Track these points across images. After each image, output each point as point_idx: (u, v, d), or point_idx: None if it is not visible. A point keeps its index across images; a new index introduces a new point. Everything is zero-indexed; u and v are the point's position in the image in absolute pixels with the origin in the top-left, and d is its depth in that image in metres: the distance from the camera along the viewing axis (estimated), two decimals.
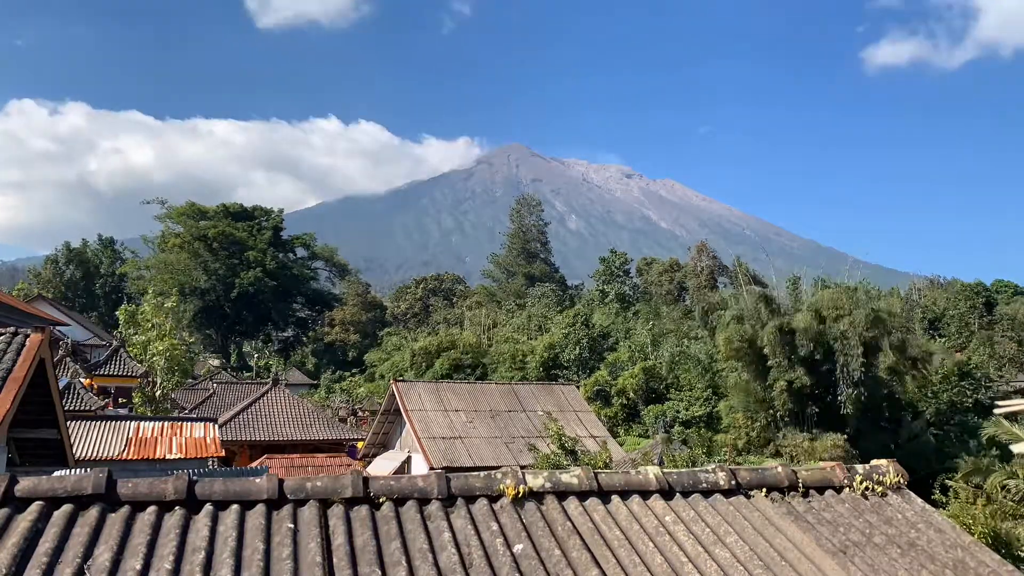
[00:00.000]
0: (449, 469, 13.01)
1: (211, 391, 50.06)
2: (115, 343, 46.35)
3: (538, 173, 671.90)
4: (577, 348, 57.32)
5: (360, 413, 57.74)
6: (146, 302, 43.31)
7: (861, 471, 5.69)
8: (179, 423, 23.85)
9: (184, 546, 3.97)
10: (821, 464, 6.08)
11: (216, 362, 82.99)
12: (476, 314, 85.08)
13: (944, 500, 19.64)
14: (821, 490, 5.51)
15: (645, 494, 5.11)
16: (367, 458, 34.61)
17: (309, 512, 4.35)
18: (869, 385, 34.72)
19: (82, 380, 36.85)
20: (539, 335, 65.97)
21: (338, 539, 4.16)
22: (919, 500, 5.57)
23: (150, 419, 25.42)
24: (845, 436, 32.55)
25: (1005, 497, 17.92)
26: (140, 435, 22.06)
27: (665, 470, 5.35)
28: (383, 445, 34.98)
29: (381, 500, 4.57)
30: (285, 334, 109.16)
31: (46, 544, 3.80)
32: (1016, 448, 17.84)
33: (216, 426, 24.27)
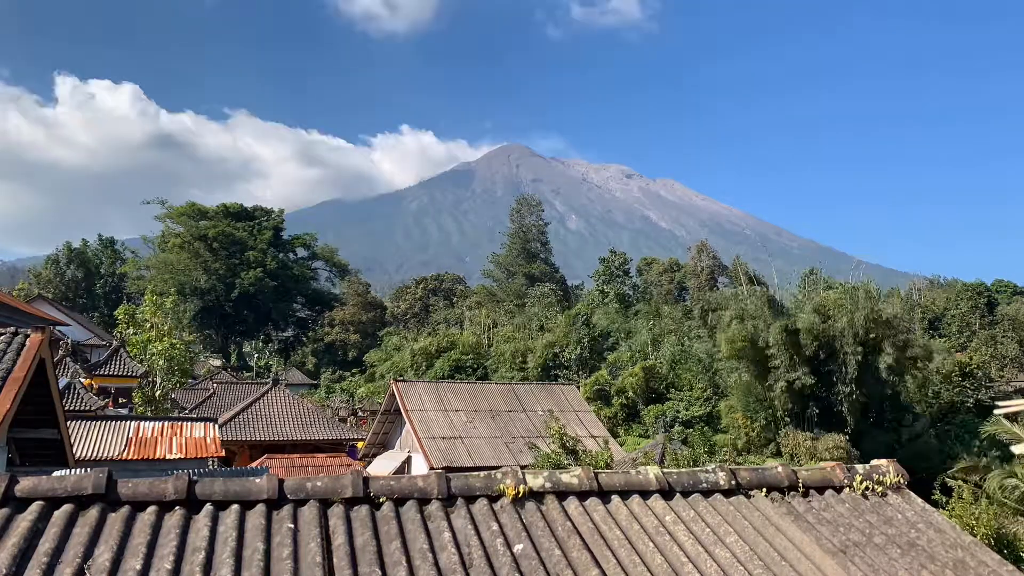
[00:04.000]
0: (449, 469, 13.00)
1: (211, 391, 50.00)
2: (115, 343, 46.36)
3: (538, 173, 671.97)
4: (577, 348, 57.30)
5: (360, 413, 57.70)
6: (145, 302, 43.27)
7: (861, 471, 5.69)
8: (179, 423, 23.81)
9: (184, 546, 3.96)
10: (821, 464, 6.07)
11: (216, 362, 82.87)
12: (476, 314, 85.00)
13: (944, 500, 19.62)
14: (821, 490, 5.51)
15: (645, 494, 5.11)
16: (367, 458, 34.59)
17: (309, 512, 4.35)
18: (869, 385, 34.74)
19: (82, 380, 36.86)
20: (539, 335, 65.93)
21: (338, 539, 4.16)
22: (919, 500, 5.57)
23: (150, 419, 25.40)
24: (846, 436, 32.56)
25: (1005, 497, 17.91)
26: (140, 435, 22.04)
27: (665, 470, 5.35)
28: (383, 445, 34.97)
29: (381, 500, 4.57)
30: (285, 334, 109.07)
31: (46, 544, 3.80)
32: (1016, 448, 17.81)
33: (216, 426, 24.23)
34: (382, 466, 32.04)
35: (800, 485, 5.46)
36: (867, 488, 5.55)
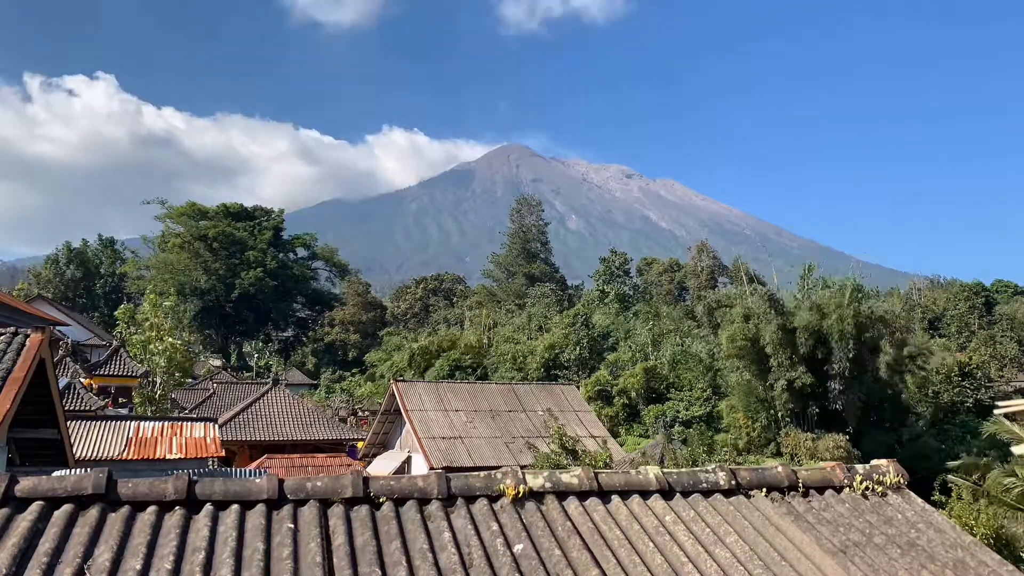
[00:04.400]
0: (449, 469, 13.00)
1: (211, 391, 50.01)
2: (115, 343, 46.36)
3: (538, 173, 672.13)
4: (577, 348, 57.30)
5: (360, 413, 57.71)
6: (146, 302, 43.32)
7: (861, 471, 5.69)
8: (179, 423, 23.82)
9: (184, 546, 3.96)
10: (821, 464, 6.07)
11: (216, 362, 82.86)
12: (476, 314, 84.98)
13: (944, 500, 19.65)
14: (821, 490, 5.51)
15: (645, 494, 5.11)
16: (367, 458, 34.60)
17: (309, 512, 4.35)
18: (868, 384, 34.75)
19: (82, 380, 36.87)
20: (539, 335, 65.92)
21: (338, 539, 4.16)
22: (919, 500, 5.57)
23: (150, 419, 25.40)
24: (846, 436, 32.56)
25: (1005, 497, 17.92)
26: (140, 435, 22.05)
27: (665, 470, 5.35)
28: (383, 445, 34.97)
29: (381, 500, 4.57)
30: (285, 334, 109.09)
31: (46, 544, 3.80)
32: (1016, 449, 17.81)
33: (216, 426, 24.23)
34: (382, 466, 32.04)
35: (800, 485, 5.46)
36: (867, 488, 5.55)
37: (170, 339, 38.51)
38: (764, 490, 5.37)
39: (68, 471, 7.65)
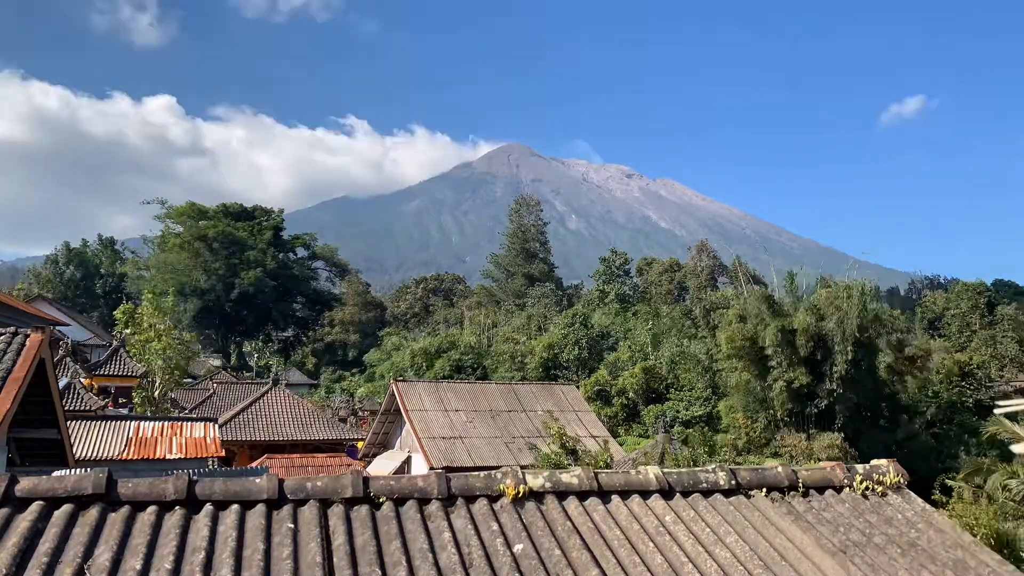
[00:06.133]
0: (449, 469, 13.01)
1: (211, 391, 50.01)
2: (115, 343, 46.35)
3: (538, 173, 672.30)
4: (577, 348, 57.32)
5: (360, 413, 57.71)
6: (144, 302, 43.32)
7: (861, 471, 5.69)
8: (179, 423, 23.83)
9: (184, 546, 3.96)
10: (821, 464, 6.07)
11: (216, 362, 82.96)
12: (476, 314, 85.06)
13: (944, 500, 19.64)
14: (821, 490, 5.51)
15: (645, 494, 5.11)
16: (367, 458, 34.59)
17: (309, 512, 4.35)
18: (867, 384, 34.74)
19: (82, 380, 36.81)
20: (539, 335, 65.96)
21: (338, 539, 4.16)
22: (919, 500, 5.57)
23: (150, 419, 25.40)
24: (843, 436, 32.56)
25: (1006, 497, 17.92)
26: (140, 435, 22.05)
27: (665, 470, 5.35)
28: (383, 445, 34.97)
29: (381, 500, 4.57)
30: (285, 334, 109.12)
31: (46, 544, 3.80)
32: (1016, 448, 17.83)
33: (216, 426, 24.24)
34: (382, 466, 32.04)
35: (800, 485, 5.46)
36: (867, 488, 5.55)
37: (168, 339, 38.54)
38: (764, 490, 5.37)
39: (68, 471, 7.65)
